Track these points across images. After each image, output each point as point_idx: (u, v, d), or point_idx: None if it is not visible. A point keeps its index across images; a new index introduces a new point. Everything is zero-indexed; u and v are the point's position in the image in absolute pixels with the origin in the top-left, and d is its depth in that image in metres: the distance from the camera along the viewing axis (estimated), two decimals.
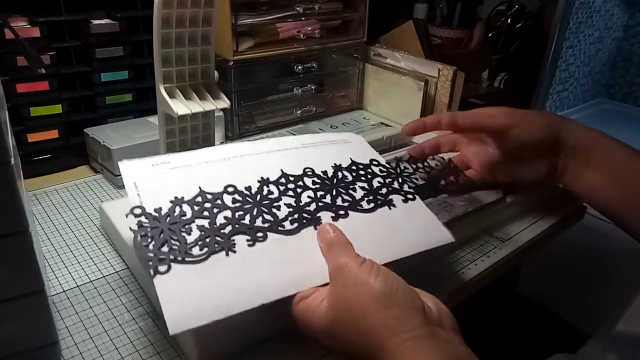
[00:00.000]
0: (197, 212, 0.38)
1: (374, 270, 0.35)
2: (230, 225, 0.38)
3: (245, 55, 0.79)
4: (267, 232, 0.39)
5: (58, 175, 0.70)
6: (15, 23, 0.62)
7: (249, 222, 0.39)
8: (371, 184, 0.46)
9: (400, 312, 0.32)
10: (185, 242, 0.36)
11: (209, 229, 0.37)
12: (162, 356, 0.41)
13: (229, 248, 0.37)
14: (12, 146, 0.33)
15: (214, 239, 0.37)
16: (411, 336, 0.31)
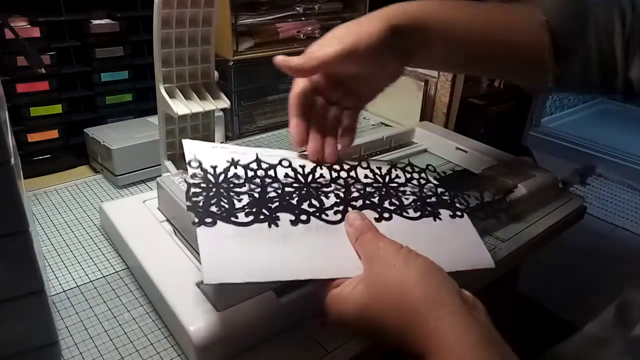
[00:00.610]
0: (250, 178, 0.39)
1: (412, 253, 0.35)
2: (278, 201, 0.38)
3: (245, 55, 0.79)
4: (311, 216, 0.39)
5: (58, 175, 0.70)
6: (15, 23, 0.62)
7: (296, 202, 0.39)
8: (422, 190, 0.45)
9: (440, 289, 0.33)
10: (234, 206, 0.36)
11: (257, 200, 0.38)
12: (162, 356, 0.41)
13: (272, 221, 0.37)
14: (12, 146, 0.33)
15: (260, 210, 0.37)
16: (451, 310, 0.31)
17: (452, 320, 0.31)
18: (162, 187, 0.52)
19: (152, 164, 0.67)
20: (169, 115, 0.53)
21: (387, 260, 0.35)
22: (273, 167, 0.40)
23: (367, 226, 0.39)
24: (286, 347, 0.41)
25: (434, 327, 0.31)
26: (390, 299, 0.33)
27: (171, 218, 0.53)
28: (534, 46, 0.47)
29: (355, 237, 0.38)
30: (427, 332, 0.31)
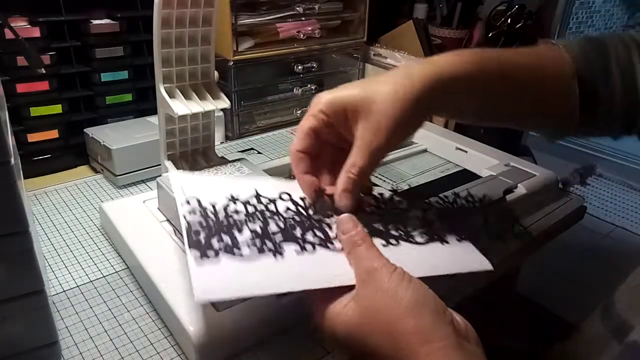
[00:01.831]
0: (251, 214, 0.38)
1: (406, 278, 0.34)
2: (281, 233, 0.38)
3: (245, 55, 0.79)
4: (317, 246, 0.38)
5: (58, 175, 0.70)
6: (15, 23, 0.62)
7: (300, 234, 0.38)
8: (426, 214, 0.44)
9: (432, 321, 0.32)
10: (236, 240, 0.36)
11: (260, 234, 0.37)
12: (162, 356, 0.41)
13: (278, 253, 0.36)
14: (12, 146, 0.33)
15: (264, 242, 0.36)
16: (442, 345, 0.31)
17: (443, 355, 0.31)
18: (162, 187, 0.52)
19: (152, 164, 0.67)
20: (169, 115, 0.53)
21: (380, 284, 0.34)
22: (273, 202, 0.40)
23: (361, 237, 0.38)
24: (286, 347, 0.41)
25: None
26: (381, 326, 0.33)
27: (171, 218, 0.53)
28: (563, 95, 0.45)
29: (349, 249, 0.38)
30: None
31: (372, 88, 0.40)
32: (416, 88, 0.39)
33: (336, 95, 0.41)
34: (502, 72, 0.44)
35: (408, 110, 0.39)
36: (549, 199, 0.65)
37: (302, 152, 0.42)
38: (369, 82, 0.41)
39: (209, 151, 0.60)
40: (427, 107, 0.41)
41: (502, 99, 0.45)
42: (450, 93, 0.41)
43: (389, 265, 0.35)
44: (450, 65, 0.41)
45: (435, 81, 0.40)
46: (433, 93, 0.40)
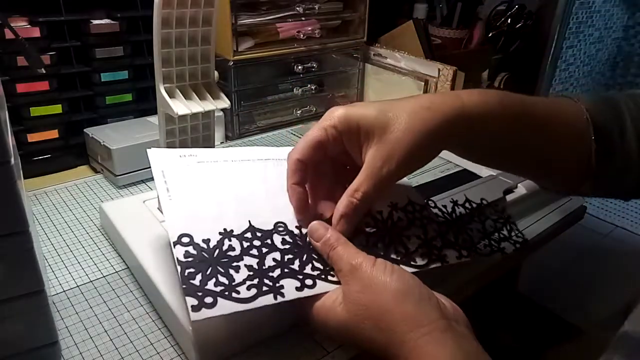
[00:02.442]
0: (246, 249, 0.37)
1: (388, 268, 0.35)
2: (279, 268, 0.37)
3: (245, 55, 0.79)
4: (317, 279, 0.37)
5: (58, 175, 0.70)
6: (15, 23, 0.62)
7: (298, 267, 0.37)
8: (426, 231, 0.43)
9: (418, 306, 0.33)
10: (233, 280, 0.35)
11: (257, 270, 0.36)
12: (162, 356, 0.41)
13: (277, 293, 0.35)
14: (12, 146, 0.33)
15: (262, 281, 0.36)
16: (429, 329, 0.31)
17: (431, 339, 0.31)
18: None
19: None
20: (169, 115, 0.53)
21: (364, 279, 0.35)
22: (269, 236, 0.39)
23: (335, 238, 0.38)
24: (286, 347, 0.41)
25: (413, 347, 0.31)
26: (369, 319, 0.33)
27: None
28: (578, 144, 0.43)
29: (327, 253, 0.38)
30: (406, 352, 0.31)
31: (391, 112, 0.38)
32: (436, 121, 0.37)
33: (353, 112, 0.39)
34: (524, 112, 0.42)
35: (424, 142, 0.37)
36: (549, 199, 0.65)
37: (301, 161, 0.40)
38: (388, 104, 0.39)
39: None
40: (444, 142, 0.39)
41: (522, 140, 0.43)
42: (471, 131, 0.39)
43: (369, 259, 0.36)
44: (474, 101, 0.39)
45: (457, 116, 0.38)
46: (453, 129, 0.38)
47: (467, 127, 0.39)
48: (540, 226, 0.59)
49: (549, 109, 0.44)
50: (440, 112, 0.38)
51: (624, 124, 0.44)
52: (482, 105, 0.39)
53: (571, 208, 0.64)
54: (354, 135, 0.39)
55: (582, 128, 0.43)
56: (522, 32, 1.06)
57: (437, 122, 0.37)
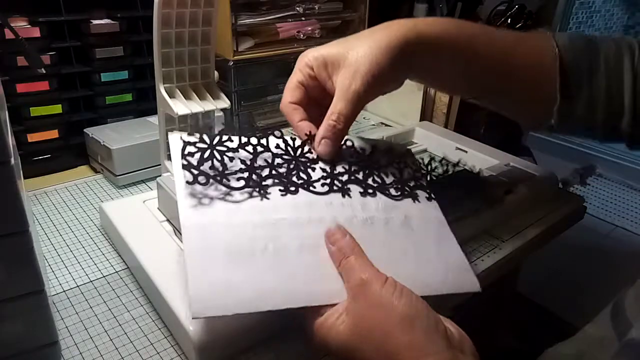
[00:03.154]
0: (243, 144, 0.40)
1: (397, 290, 0.34)
2: (268, 168, 0.40)
3: (245, 55, 0.79)
4: (300, 188, 0.40)
5: (58, 175, 0.70)
6: (15, 23, 0.62)
7: (285, 173, 0.40)
8: (402, 173, 0.47)
9: (425, 335, 0.32)
10: (226, 167, 0.38)
11: (248, 166, 0.39)
12: (162, 356, 0.41)
13: (263, 193, 0.39)
14: (12, 146, 0.33)
15: (251, 177, 0.39)
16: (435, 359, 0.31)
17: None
18: (162, 187, 0.52)
19: (152, 164, 0.67)
20: (169, 115, 0.53)
21: (372, 297, 0.34)
22: (265, 136, 0.42)
23: (350, 247, 0.37)
24: (286, 347, 0.41)
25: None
26: (374, 340, 0.32)
27: (171, 218, 0.53)
28: (544, 79, 0.45)
29: (339, 261, 0.37)
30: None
31: (351, 43, 0.42)
32: (393, 37, 0.40)
33: (319, 50, 0.44)
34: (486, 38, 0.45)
35: (382, 58, 0.40)
36: (549, 199, 0.65)
37: (293, 102, 0.44)
38: (350, 38, 0.43)
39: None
40: (402, 58, 0.41)
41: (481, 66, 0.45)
42: (427, 49, 0.42)
43: (380, 276, 0.35)
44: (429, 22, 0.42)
45: (412, 33, 0.41)
46: (409, 46, 0.41)
47: (423, 45, 0.42)
48: (540, 226, 0.59)
49: (514, 37, 0.46)
50: (395, 29, 0.41)
51: (597, 62, 0.45)
52: (437, 25, 0.43)
53: (571, 208, 0.64)
54: (323, 70, 0.43)
55: (548, 61, 0.45)
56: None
57: (392, 39, 0.40)
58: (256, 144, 0.41)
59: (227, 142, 0.40)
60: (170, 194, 0.51)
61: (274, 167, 0.41)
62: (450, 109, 0.84)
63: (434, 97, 0.85)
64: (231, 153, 0.39)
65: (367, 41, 0.41)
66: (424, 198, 0.46)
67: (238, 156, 0.39)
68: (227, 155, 0.39)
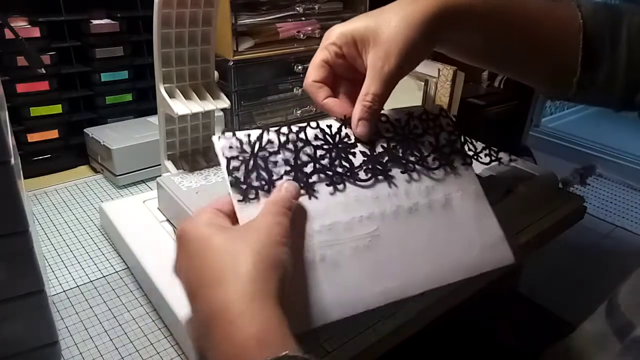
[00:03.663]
0: (283, 143, 0.39)
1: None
2: (312, 165, 0.40)
3: (245, 55, 0.79)
4: (345, 181, 0.40)
5: (58, 175, 0.70)
6: (15, 23, 0.62)
7: (328, 164, 0.40)
8: (438, 138, 0.47)
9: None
10: (272, 176, 0.37)
11: (293, 167, 0.39)
12: (162, 356, 0.41)
13: (311, 193, 0.39)
14: (12, 146, 0.33)
15: (297, 177, 0.38)
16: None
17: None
18: (162, 187, 0.52)
19: (152, 164, 0.67)
20: (169, 115, 0.53)
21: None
22: (303, 129, 0.41)
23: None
24: None
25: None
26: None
27: (171, 218, 0.53)
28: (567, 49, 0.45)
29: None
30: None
31: (380, 17, 0.41)
32: (424, 11, 0.40)
33: (346, 27, 0.42)
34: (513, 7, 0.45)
35: (415, 34, 0.40)
36: (549, 199, 0.65)
37: (317, 81, 0.43)
38: (377, 12, 0.42)
39: (209, 151, 0.60)
40: (433, 33, 0.41)
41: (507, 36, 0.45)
42: (456, 20, 0.42)
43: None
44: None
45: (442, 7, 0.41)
46: (439, 20, 0.40)
47: (453, 17, 0.41)
48: (540, 226, 0.59)
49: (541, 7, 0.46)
50: (425, 2, 0.40)
51: (619, 33, 0.45)
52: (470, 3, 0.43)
53: (571, 208, 0.64)
54: (352, 47, 0.42)
55: (572, 32, 0.45)
56: None
57: (424, 13, 0.40)
58: (296, 140, 0.40)
59: (267, 146, 0.39)
60: (170, 194, 0.51)
61: (317, 160, 0.40)
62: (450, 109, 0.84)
63: (434, 97, 0.85)
64: (274, 157, 0.39)
65: (397, 16, 0.40)
66: (460, 165, 0.46)
67: (281, 157, 0.39)
68: (271, 160, 0.38)
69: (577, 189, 1.98)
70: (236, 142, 0.38)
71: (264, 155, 0.38)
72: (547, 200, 0.64)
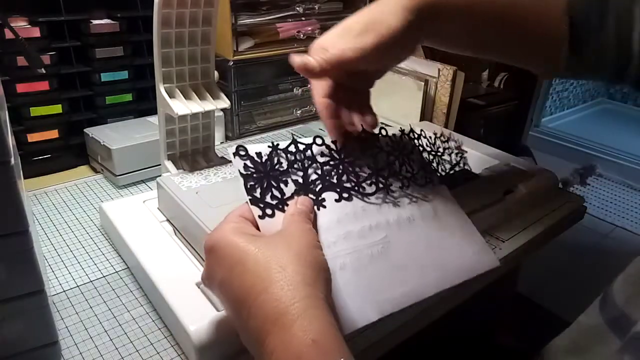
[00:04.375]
0: (292, 162, 0.41)
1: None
2: (320, 182, 0.41)
3: (245, 55, 0.79)
4: (352, 194, 0.42)
5: (58, 175, 0.70)
6: (15, 23, 0.62)
7: (336, 180, 0.42)
8: (422, 155, 0.50)
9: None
10: (284, 194, 0.39)
11: (302, 185, 0.40)
12: (162, 356, 0.41)
13: (319, 204, 0.40)
14: (12, 146, 0.33)
15: (307, 195, 0.40)
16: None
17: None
18: (162, 187, 0.52)
19: (152, 164, 0.67)
20: (169, 115, 0.53)
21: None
22: (309, 147, 0.43)
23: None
24: None
25: None
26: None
27: (171, 218, 0.53)
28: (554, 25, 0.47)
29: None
30: None
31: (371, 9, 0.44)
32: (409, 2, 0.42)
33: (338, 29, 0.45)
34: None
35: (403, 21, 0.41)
36: (549, 199, 0.65)
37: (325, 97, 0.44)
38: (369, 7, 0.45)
39: (209, 151, 0.60)
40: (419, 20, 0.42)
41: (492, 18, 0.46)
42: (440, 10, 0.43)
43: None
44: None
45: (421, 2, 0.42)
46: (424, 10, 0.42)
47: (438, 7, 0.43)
48: (540, 226, 0.59)
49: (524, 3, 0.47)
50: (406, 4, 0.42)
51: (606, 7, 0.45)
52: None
53: (571, 208, 0.64)
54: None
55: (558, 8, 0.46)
56: None
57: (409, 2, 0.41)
58: (303, 159, 0.42)
59: (277, 165, 0.40)
60: (170, 194, 0.51)
61: (325, 178, 0.42)
62: (450, 109, 0.84)
63: (434, 97, 0.85)
64: (284, 176, 0.40)
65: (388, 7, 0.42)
66: (437, 182, 0.49)
67: (291, 176, 0.40)
68: (282, 179, 0.40)
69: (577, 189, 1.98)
70: (251, 161, 0.39)
71: (275, 174, 0.40)
72: (547, 200, 0.64)
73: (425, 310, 0.46)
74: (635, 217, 1.82)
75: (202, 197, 0.50)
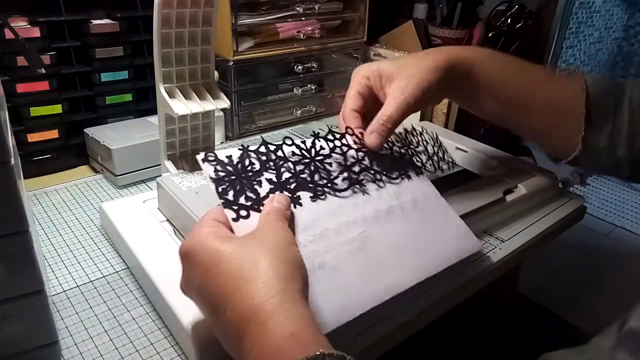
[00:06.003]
0: (264, 164, 0.41)
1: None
2: (294, 180, 0.42)
3: (245, 55, 0.79)
4: (325, 192, 0.43)
5: (58, 175, 0.70)
6: (15, 23, 0.62)
7: (309, 178, 0.43)
8: (392, 151, 0.51)
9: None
10: (259, 195, 0.39)
11: (277, 184, 0.41)
12: (162, 356, 0.41)
13: (296, 202, 0.40)
14: (12, 146, 0.33)
15: (281, 192, 0.40)
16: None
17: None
18: (162, 187, 0.52)
19: (152, 164, 0.67)
20: (169, 115, 0.53)
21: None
22: (279, 148, 0.43)
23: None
24: None
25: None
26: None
27: (171, 218, 0.53)
28: (571, 111, 0.51)
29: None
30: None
31: (401, 62, 0.51)
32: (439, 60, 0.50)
33: (375, 66, 0.52)
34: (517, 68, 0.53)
35: (430, 76, 0.49)
36: (549, 199, 0.65)
37: (354, 110, 0.50)
38: (402, 59, 0.52)
39: (209, 151, 0.60)
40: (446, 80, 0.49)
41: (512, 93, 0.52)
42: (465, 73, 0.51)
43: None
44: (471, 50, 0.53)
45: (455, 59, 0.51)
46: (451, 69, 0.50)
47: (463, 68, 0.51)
48: (540, 226, 0.59)
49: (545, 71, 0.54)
50: (441, 54, 0.51)
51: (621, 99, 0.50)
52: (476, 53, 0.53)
53: (571, 208, 0.64)
54: (377, 80, 0.51)
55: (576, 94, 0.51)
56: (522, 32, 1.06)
57: (439, 62, 0.50)
58: (275, 159, 0.42)
59: (249, 167, 0.40)
60: (170, 194, 0.51)
61: (298, 174, 0.42)
62: (451, 109, 0.84)
63: None
64: (257, 176, 0.40)
65: (415, 63, 0.50)
66: (414, 174, 0.50)
67: (264, 177, 0.40)
68: (255, 179, 0.40)
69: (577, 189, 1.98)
70: (220, 165, 0.39)
71: (249, 176, 0.40)
72: (547, 200, 0.64)
73: (426, 310, 0.46)
74: (635, 217, 1.82)
75: (202, 197, 0.50)
